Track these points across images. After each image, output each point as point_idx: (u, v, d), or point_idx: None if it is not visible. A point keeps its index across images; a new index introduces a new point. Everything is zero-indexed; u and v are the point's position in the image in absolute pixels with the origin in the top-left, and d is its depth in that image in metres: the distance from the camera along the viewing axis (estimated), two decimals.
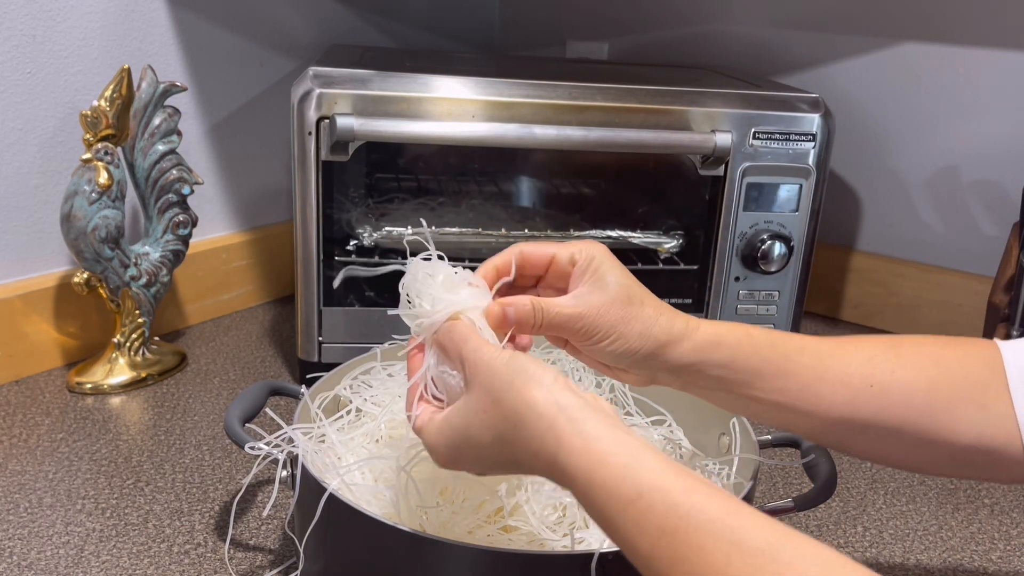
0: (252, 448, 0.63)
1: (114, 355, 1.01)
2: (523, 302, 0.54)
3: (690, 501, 0.40)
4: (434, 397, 0.53)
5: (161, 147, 0.99)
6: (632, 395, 0.79)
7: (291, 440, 0.63)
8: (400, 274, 0.57)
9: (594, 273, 0.56)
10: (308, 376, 0.75)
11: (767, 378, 0.56)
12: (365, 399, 0.73)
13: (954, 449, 0.55)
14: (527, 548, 0.58)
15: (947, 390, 0.55)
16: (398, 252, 1.02)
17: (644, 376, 0.58)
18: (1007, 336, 0.96)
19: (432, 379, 0.53)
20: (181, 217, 1.03)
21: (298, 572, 0.64)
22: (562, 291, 0.57)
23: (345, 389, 0.73)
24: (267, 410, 0.71)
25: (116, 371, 1.00)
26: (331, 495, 0.56)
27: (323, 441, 0.67)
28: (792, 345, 0.57)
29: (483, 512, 0.61)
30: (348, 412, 0.72)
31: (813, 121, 0.98)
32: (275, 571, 0.71)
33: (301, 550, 0.60)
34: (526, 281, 0.59)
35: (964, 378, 0.55)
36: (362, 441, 0.69)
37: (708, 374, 0.56)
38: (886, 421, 0.55)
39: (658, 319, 0.56)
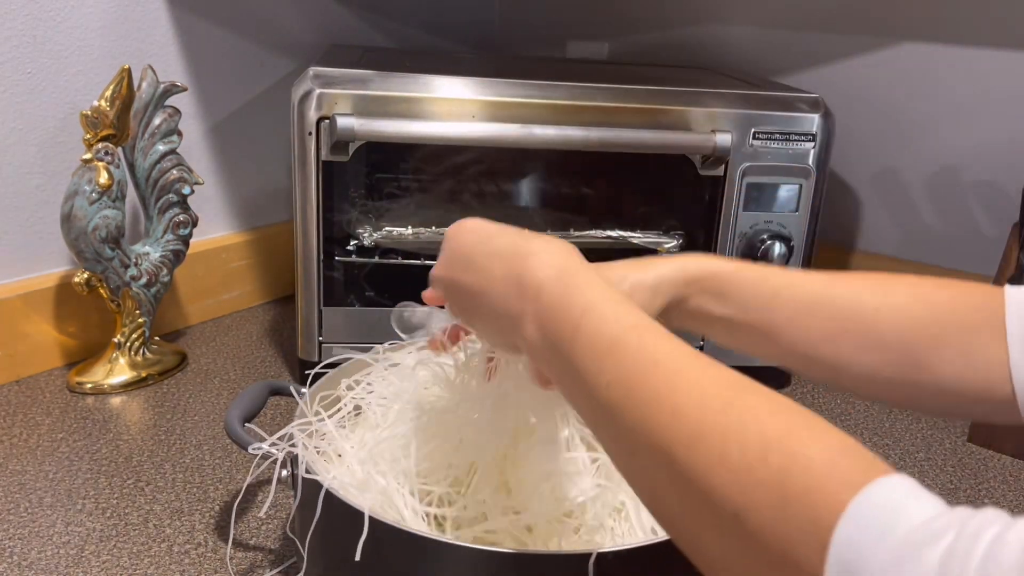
0: (253, 448, 0.63)
1: (114, 355, 1.01)
2: None
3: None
4: None
5: (161, 147, 0.99)
6: None
7: (291, 440, 0.63)
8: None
9: None
10: (308, 374, 0.75)
11: (761, 311, 0.57)
12: (365, 398, 0.73)
13: (937, 390, 0.55)
14: (527, 548, 0.58)
15: (932, 333, 0.55)
16: (398, 252, 1.02)
17: None
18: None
19: None
20: (181, 217, 1.03)
21: (300, 573, 0.64)
22: None
23: (345, 389, 0.73)
24: (267, 410, 0.71)
25: (116, 371, 1.00)
26: (331, 495, 0.56)
27: (324, 441, 0.67)
28: (783, 280, 0.58)
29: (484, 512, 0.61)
30: (348, 411, 0.72)
31: (813, 121, 0.98)
32: (275, 571, 0.71)
33: (302, 550, 0.60)
34: None
35: (952, 322, 0.55)
36: (363, 440, 0.69)
37: (709, 302, 0.59)
38: (868, 360, 0.56)
39: (654, 281, 0.58)
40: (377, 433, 0.69)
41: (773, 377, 1.09)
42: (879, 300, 0.57)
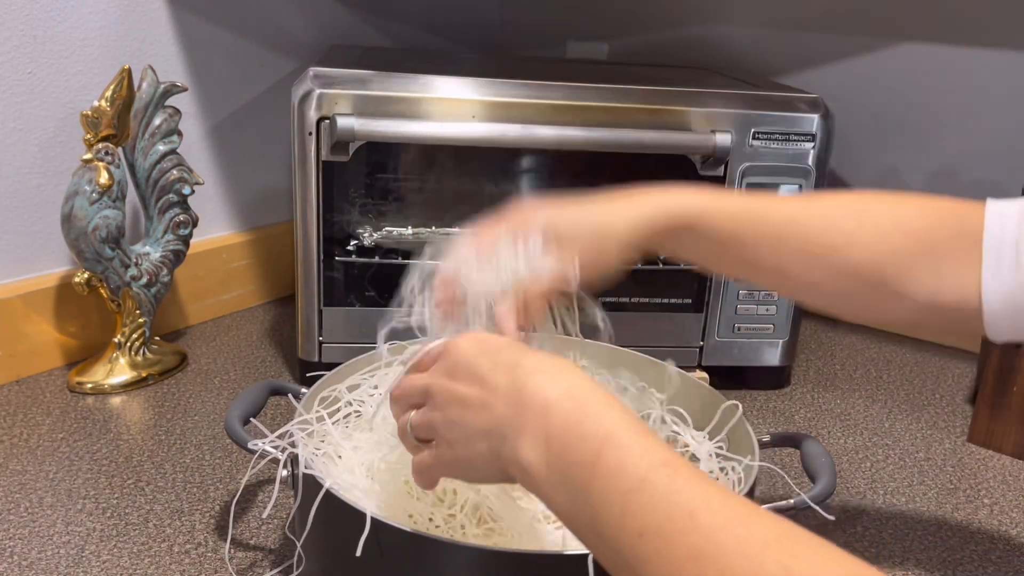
0: (253, 448, 0.63)
1: (115, 355, 1.01)
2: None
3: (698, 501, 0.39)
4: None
5: (162, 147, 0.99)
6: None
7: (292, 440, 0.63)
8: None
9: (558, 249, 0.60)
10: (308, 376, 0.75)
11: (735, 247, 0.60)
12: (366, 399, 0.73)
13: (909, 309, 0.58)
14: (526, 548, 0.58)
15: (906, 261, 0.57)
16: (398, 252, 1.02)
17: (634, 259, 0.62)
18: None
19: None
20: (182, 217, 1.03)
21: (298, 572, 0.64)
22: None
23: (346, 389, 0.73)
24: (267, 410, 0.70)
25: (117, 371, 1.00)
26: (331, 494, 0.56)
27: (324, 441, 0.67)
28: (760, 210, 0.60)
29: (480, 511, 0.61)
30: (348, 411, 0.72)
31: (813, 121, 0.98)
32: (275, 571, 0.71)
33: (300, 549, 0.61)
34: None
35: (927, 250, 0.57)
36: (363, 440, 0.69)
37: (685, 243, 0.61)
38: (842, 286, 0.59)
39: (626, 233, 0.60)
40: (376, 434, 0.69)
41: (772, 377, 1.09)
42: (854, 226, 0.58)
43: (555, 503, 0.43)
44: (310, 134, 0.91)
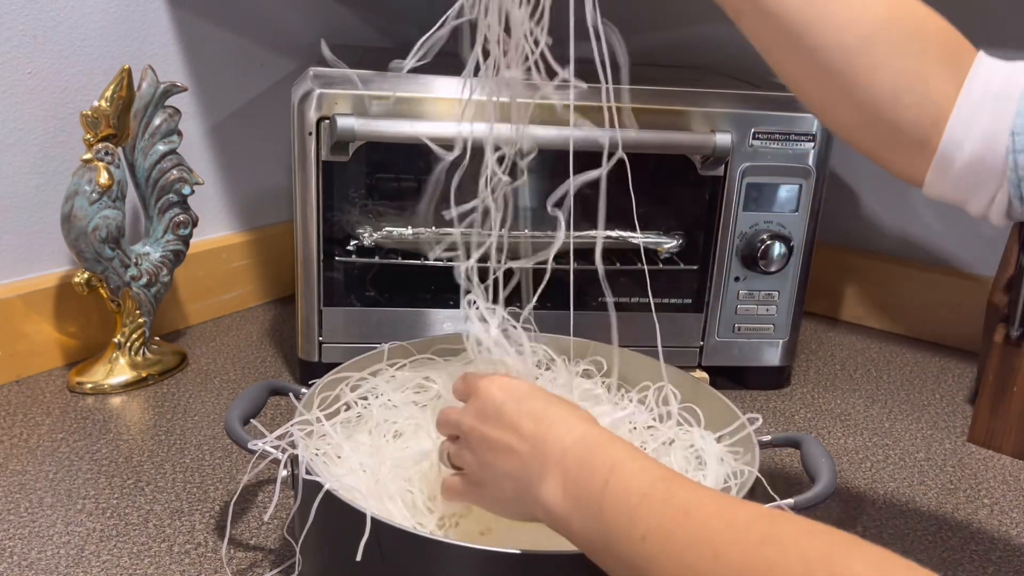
0: (253, 448, 0.63)
1: (115, 355, 1.01)
2: None
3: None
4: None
5: (161, 147, 0.99)
6: (637, 397, 0.79)
7: (291, 440, 0.63)
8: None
9: None
10: (308, 376, 0.75)
11: None
12: (366, 398, 0.73)
13: (866, 101, 0.54)
14: (527, 548, 0.58)
15: (898, 38, 0.54)
16: (398, 252, 1.02)
17: None
18: (1007, 337, 0.96)
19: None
20: (181, 217, 1.03)
21: (298, 573, 0.64)
22: None
23: (347, 389, 0.73)
24: (267, 410, 0.70)
25: (116, 371, 1.00)
26: (330, 495, 0.56)
27: (324, 441, 0.67)
28: None
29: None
30: (349, 411, 0.72)
31: (813, 121, 0.98)
32: (275, 571, 0.71)
33: (297, 550, 0.61)
34: None
35: (920, 42, 0.54)
36: (363, 440, 0.69)
37: None
38: (830, 38, 0.54)
39: None
40: (377, 435, 0.69)
41: (772, 377, 1.09)
42: None
43: (574, 533, 0.48)
44: (310, 134, 0.91)
